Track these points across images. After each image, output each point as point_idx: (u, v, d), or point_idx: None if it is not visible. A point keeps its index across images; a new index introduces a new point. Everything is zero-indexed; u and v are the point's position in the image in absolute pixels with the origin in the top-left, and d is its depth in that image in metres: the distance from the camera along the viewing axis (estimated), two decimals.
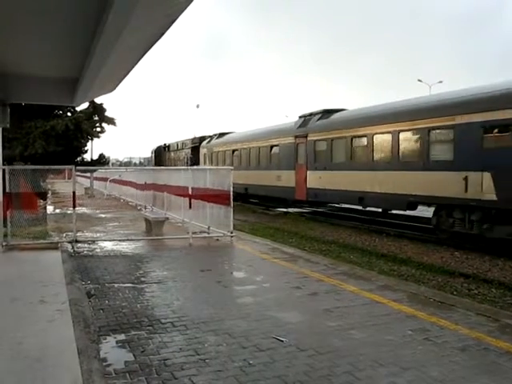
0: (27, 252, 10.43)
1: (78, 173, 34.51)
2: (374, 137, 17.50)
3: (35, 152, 22.24)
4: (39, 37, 7.42)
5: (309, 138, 21.65)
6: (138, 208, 21.18)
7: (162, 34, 5.91)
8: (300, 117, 23.54)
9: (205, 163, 33.45)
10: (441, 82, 55.45)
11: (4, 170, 10.64)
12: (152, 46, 6.54)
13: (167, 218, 14.24)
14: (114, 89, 10.37)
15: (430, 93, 43.94)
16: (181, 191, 13.45)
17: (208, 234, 12.75)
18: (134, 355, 4.96)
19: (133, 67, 8.08)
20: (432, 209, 16.01)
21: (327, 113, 21.57)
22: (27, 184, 11.17)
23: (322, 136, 20.82)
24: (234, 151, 29.49)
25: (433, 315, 6.24)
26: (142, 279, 8.32)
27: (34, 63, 9.36)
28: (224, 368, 4.62)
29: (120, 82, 9.52)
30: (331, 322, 5.98)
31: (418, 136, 15.61)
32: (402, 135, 16.22)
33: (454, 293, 9.30)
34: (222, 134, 33.34)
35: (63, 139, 23.36)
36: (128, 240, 12.49)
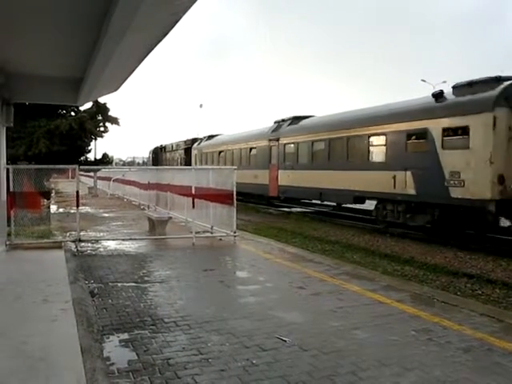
0: (31, 251, 10.46)
1: (82, 172, 34.50)
2: (330, 141, 20.49)
3: (39, 151, 22.30)
4: (43, 36, 7.44)
5: (280, 142, 24.68)
6: (142, 207, 21.21)
7: (166, 33, 5.90)
8: (274, 122, 26.38)
9: (195, 163, 35.99)
10: (445, 81, 55.12)
11: (8, 170, 10.67)
12: (156, 45, 6.54)
13: (170, 218, 14.25)
14: (118, 88, 10.38)
15: None
16: (184, 191, 13.47)
17: (211, 233, 12.75)
18: (137, 354, 4.97)
19: (136, 67, 8.08)
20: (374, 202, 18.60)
21: (296, 119, 24.52)
22: (31, 183, 11.19)
23: (290, 140, 23.89)
24: (220, 152, 32.33)
25: (436, 315, 6.23)
26: (146, 278, 8.33)
27: (38, 63, 9.37)
28: (227, 367, 4.62)
29: (124, 81, 9.52)
30: (334, 322, 5.97)
31: (361, 141, 18.54)
32: (350, 141, 19.25)
33: (458, 293, 9.28)
34: (210, 137, 35.97)
35: (67, 139, 23.42)
36: (131, 239, 12.50)
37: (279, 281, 8.24)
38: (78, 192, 11.81)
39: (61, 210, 21.14)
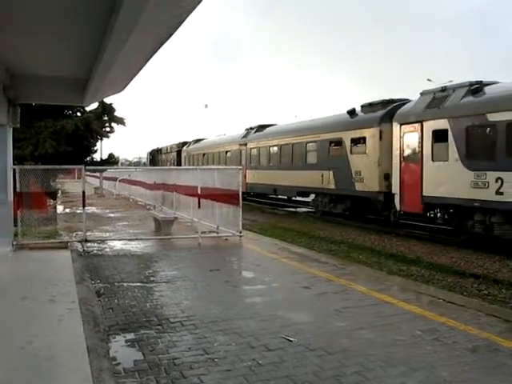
0: (37, 251, 10.50)
1: (88, 172, 34.55)
2: (281, 147, 25.57)
3: (45, 152, 22.32)
4: (49, 37, 7.46)
5: (247, 146, 29.76)
6: (147, 207, 21.24)
7: (171, 34, 5.91)
8: (245, 129, 31.47)
9: (185, 164, 40.87)
10: (451, 81, 54.99)
11: (15, 170, 10.71)
12: (161, 46, 6.54)
13: (176, 218, 14.28)
14: (123, 89, 10.39)
15: None
16: (190, 191, 13.48)
17: (217, 233, 12.76)
18: (143, 354, 4.99)
19: (142, 67, 8.09)
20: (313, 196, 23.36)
21: (261, 127, 29.34)
22: (37, 184, 11.24)
23: (254, 145, 28.92)
24: (204, 154, 37.33)
25: (442, 315, 6.21)
26: (151, 278, 8.35)
27: (44, 64, 9.41)
28: (233, 367, 4.63)
29: (129, 81, 9.53)
30: (340, 322, 5.97)
31: (301, 147, 23.44)
32: (294, 146, 24.16)
33: (464, 293, 9.24)
34: (197, 141, 40.93)
35: (73, 139, 23.45)
36: (137, 239, 12.53)
37: (285, 281, 8.24)
38: (84, 192, 11.84)
39: (67, 210, 21.21)
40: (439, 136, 14.98)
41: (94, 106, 24.00)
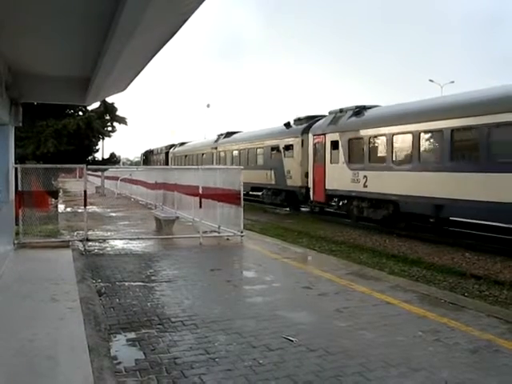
0: (38, 250, 10.51)
1: (89, 172, 34.66)
2: (240, 151, 30.81)
3: (47, 151, 22.33)
4: (52, 36, 7.46)
5: (217, 149, 34.89)
6: (149, 207, 21.25)
7: (174, 33, 5.92)
8: (217, 135, 36.71)
9: (171, 164, 45.59)
10: (452, 82, 55.00)
11: (16, 169, 10.72)
12: (163, 45, 6.55)
13: (177, 217, 14.28)
14: (126, 88, 10.40)
15: (442, 93, 43.77)
16: (191, 190, 13.49)
17: (218, 233, 12.77)
18: (144, 353, 4.99)
19: (144, 66, 8.10)
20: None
21: (229, 134, 34.30)
22: (39, 183, 11.25)
23: (222, 148, 34.01)
24: (186, 156, 43.06)
25: (444, 316, 6.21)
26: (153, 278, 8.36)
27: (47, 63, 9.41)
28: (234, 367, 4.63)
29: (131, 81, 9.54)
30: (341, 323, 5.97)
31: (253, 151, 28.96)
32: (249, 150, 29.40)
33: (465, 294, 9.23)
34: (182, 144, 46.30)
35: (75, 138, 23.45)
36: (138, 239, 12.53)
37: (286, 281, 8.25)
38: (85, 191, 11.87)
39: (68, 209, 21.23)
40: (334, 145, 20.24)
41: (95, 105, 24.01)
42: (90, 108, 24.48)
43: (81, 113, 25.15)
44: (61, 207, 20.71)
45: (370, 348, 5.12)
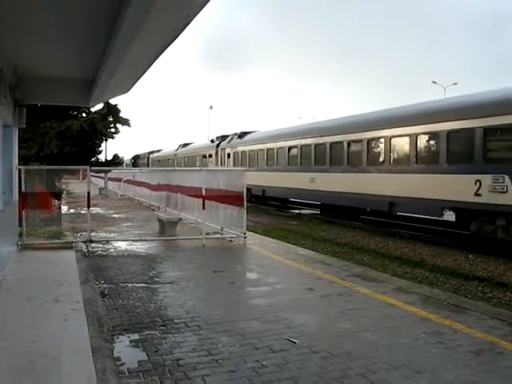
0: (42, 251, 10.54)
1: (93, 173, 34.75)
2: (188, 157, 42.02)
3: (51, 152, 22.35)
4: (56, 38, 7.50)
5: (177, 156, 45.02)
6: (152, 208, 21.28)
7: (177, 36, 5.93)
8: (179, 145, 46.47)
9: (152, 166, 54.78)
10: (455, 83, 54.97)
11: (20, 170, 10.75)
12: (167, 47, 6.56)
13: (180, 219, 14.29)
14: (129, 90, 10.41)
15: (445, 95, 43.86)
16: (194, 192, 13.50)
17: (221, 234, 12.78)
18: (147, 355, 5.00)
19: (148, 68, 8.11)
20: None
21: (185, 145, 44.80)
22: (42, 184, 11.27)
23: (181, 155, 44.01)
24: (159, 161, 52.75)
25: (447, 318, 6.20)
26: (156, 279, 8.37)
27: (51, 65, 9.45)
28: (237, 369, 4.64)
29: (135, 82, 9.56)
30: (344, 324, 5.97)
31: (194, 157, 38.80)
32: (191, 157, 40.78)
33: (469, 296, 9.21)
34: (158, 150, 56.35)
35: (78, 140, 23.46)
36: (141, 240, 12.55)
37: (289, 282, 8.24)
38: (88, 193, 11.90)
39: (72, 210, 21.27)
40: (228, 155, 32.15)
41: (99, 106, 24.01)
42: (93, 110, 24.49)
43: (84, 114, 25.17)
44: (64, 208, 20.75)
45: (373, 350, 5.12)
